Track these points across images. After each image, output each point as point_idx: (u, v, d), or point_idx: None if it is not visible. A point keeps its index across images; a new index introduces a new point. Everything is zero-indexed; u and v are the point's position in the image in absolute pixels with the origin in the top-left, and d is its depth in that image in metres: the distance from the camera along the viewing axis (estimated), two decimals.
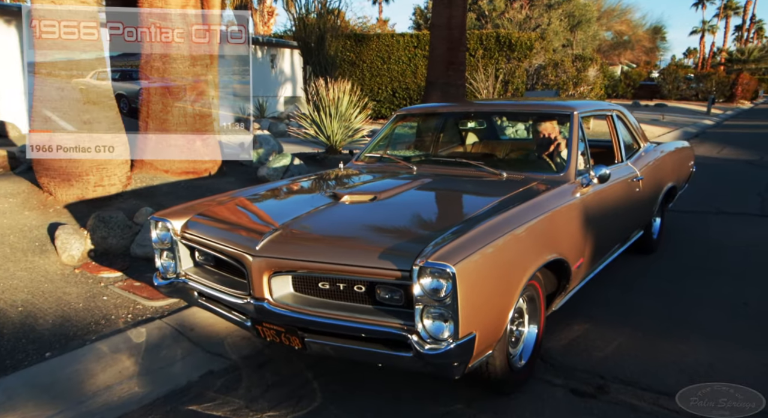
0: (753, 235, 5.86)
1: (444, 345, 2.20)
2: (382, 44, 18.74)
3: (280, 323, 2.59)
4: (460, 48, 9.33)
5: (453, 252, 2.22)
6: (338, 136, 8.43)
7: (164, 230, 3.15)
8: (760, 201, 7.56)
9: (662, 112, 22.91)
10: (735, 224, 6.36)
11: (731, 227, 6.21)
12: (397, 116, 4.52)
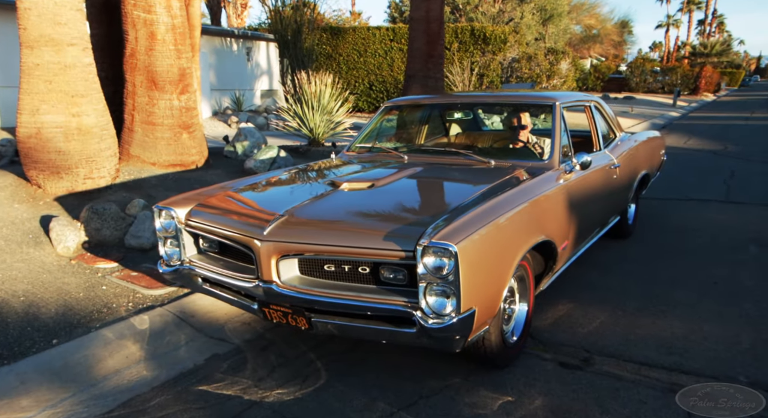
0: (720, 220, 6.19)
1: (447, 319, 2.37)
2: (358, 37, 18.81)
3: (288, 305, 2.73)
4: (439, 41, 9.50)
5: (454, 232, 2.39)
6: (321, 128, 8.54)
7: (168, 218, 3.25)
8: (726, 188, 7.93)
9: (631, 105, 23.51)
10: (703, 209, 6.69)
11: (699, 212, 6.54)
12: (386, 108, 4.67)
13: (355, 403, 2.74)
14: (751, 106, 29.26)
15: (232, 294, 3.08)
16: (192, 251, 3.30)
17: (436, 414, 2.62)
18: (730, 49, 43.33)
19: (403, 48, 18.41)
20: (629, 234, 5.37)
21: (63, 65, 5.09)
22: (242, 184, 3.62)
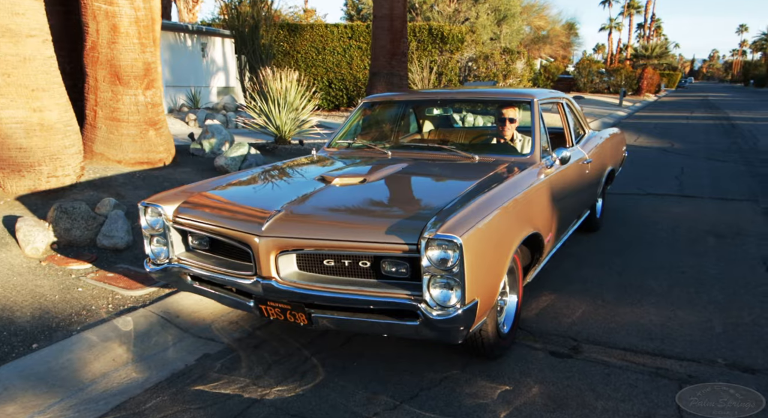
0: (677, 212, 6.50)
1: (452, 311, 2.41)
2: (316, 35, 18.68)
3: (287, 301, 2.71)
4: (402, 39, 9.57)
5: (458, 225, 2.44)
6: (287, 126, 8.45)
7: (155, 215, 3.16)
8: (678, 183, 8.33)
9: (580, 104, 24.26)
10: (660, 203, 7.00)
11: (658, 206, 6.85)
12: (364, 104, 4.68)
13: (357, 397, 2.75)
14: (689, 106, 30.73)
15: (226, 292, 3.03)
16: (180, 249, 3.23)
17: (439, 405, 2.66)
18: (668, 52, 45.39)
19: (362, 46, 18.41)
20: (598, 227, 5.57)
21: (22, 57, 4.87)
22: (228, 181, 3.56)
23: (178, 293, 3.84)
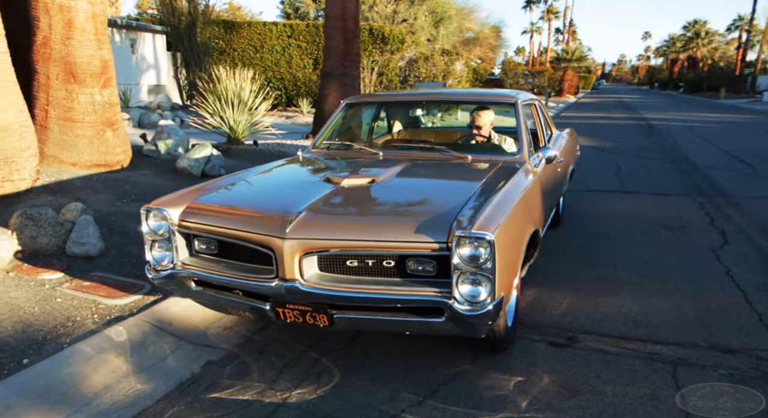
0: (624, 207, 6.94)
1: (483, 306, 2.51)
2: (254, 32, 18.32)
3: (308, 302, 2.71)
4: (355, 39, 9.60)
5: (487, 223, 2.53)
6: (241, 126, 8.28)
7: (160, 219, 3.06)
8: (618, 180, 8.87)
9: None
10: (607, 199, 7.44)
11: (604, 202, 7.28)
12: (346, 105, 4.69)
13: (379, 396, 2.79)
14: (607, 107, 32.61)
15: (237, 296, 2.98)
16: (184, 254, 3.13)
17: (461, 398, 2.75)
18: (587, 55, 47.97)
19: (302, 45, 18.25)
20: (560, 223, 5.86)
21: None
22: (228, 184, 3.48)
23: (165, 300, 3.72)
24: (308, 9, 27.47)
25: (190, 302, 3.76)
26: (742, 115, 26.35)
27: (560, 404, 2.70)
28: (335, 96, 9.48)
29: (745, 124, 20.93)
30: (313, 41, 18.24)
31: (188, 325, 3.57)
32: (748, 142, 14.28)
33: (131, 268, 4.22)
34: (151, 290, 3.89)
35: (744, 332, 3.44)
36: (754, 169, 10.02)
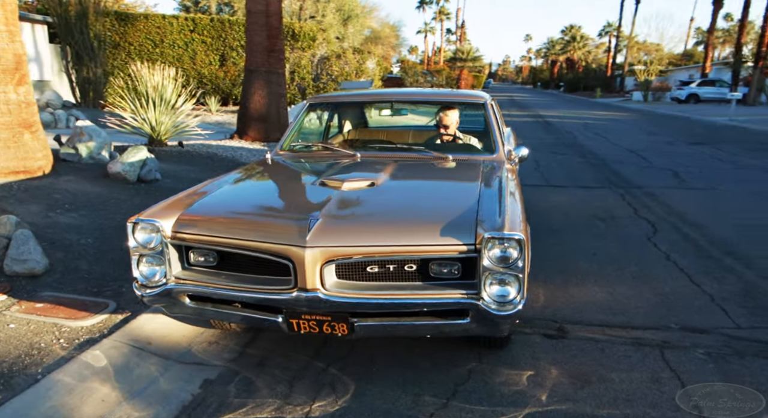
0: (558, 200, 7.35)
1: (513, 307, 2.55)
2: (151, 26, 17.25)
3: (328, 312, 2.61)
4: (279, 36, 9.35)
5: (513, 223, 2.58)
6: (165, 127, 7.77)
7: (152, 232, 2.80)
8: (541, 175, 9.36)
9: None
10: (539, 193, 7.83)
11: (538, 195, 7.65)
12: (310, 105, 4.55)
13: (402, 401, 2.74)
14: (502, 105, 34.15)
15: (243, 310, 2.80)
16: (176, 268, 2.89)
17: (482, 397, 2.77)
18: (480, 56, 50.26)
19: (207, 40, 17.47)
20: None
21: None
22: (211, 191, 3.23)
23: (136, 319, 3.42)
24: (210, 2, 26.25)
25: (164, 319, 3.50)
26: (620, 112, 28.80)
27: (576, 394, 2.80)
28: (261, 94, 9.18)
29: (626, 121, 22.90)
30: (219, 37, 17.53)
31: (169, 343, 3.31)
32: (634, 138, 15.62)
33: (85, 284, 3.83)
34: (116, 308, 3.56)
35: (704, 313, 3.77)
36: (650, 162, 10.98)
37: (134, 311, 3.54)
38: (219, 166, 7.51)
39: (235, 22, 17.76)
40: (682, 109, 31.56)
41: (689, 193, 7.85)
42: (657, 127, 19.51)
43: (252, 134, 9.36)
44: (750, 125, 19.49)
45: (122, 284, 3.89)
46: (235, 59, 17.53)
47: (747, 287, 4.21)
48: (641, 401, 2.73)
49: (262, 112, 9.35)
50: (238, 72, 17.40)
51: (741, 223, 6.14)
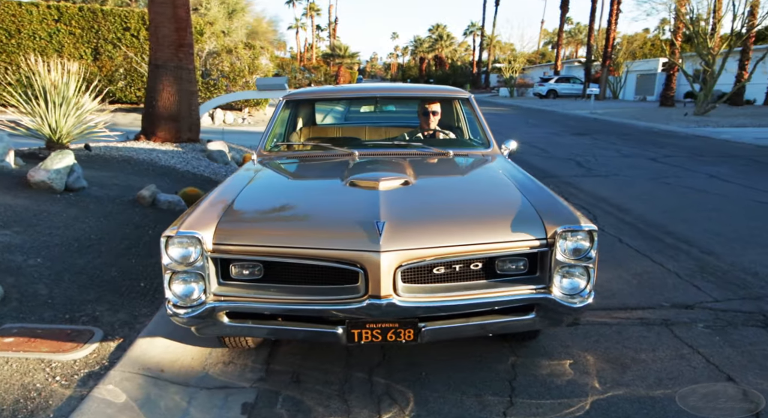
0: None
1: (584, 298, 2.58)
2: (5, 14, 15.21)
3: (396, 318, 2.47)
4: (188, 28, 8.67)
5: (582, 216, 2.60)
6: (67, 127, 6.89)
7: (191, 245, 2.47)
8: None
9: None
10: None
11: None
12: (287, 102, 4.27)
13: (467, 404, 2.67)
14: None
15: (295, 324, 2.56)
16: (213, 284, 2.56)
17: (541, 391, 2.78)
18: (357, 52, 50.74)
19: (75, 32, 15.80)
20: None
21: None
22: (235, 197, 2.89)
23: (135, 344, 3.02)
24: None
25: (165, 342, 3.13)
26: (495, 107, 30.63)
27: (622, 378, 2.91)
28: (171, 92, 8.46)
29: (506, 115, 24.43)
30: (90, 28, 15.91)
31: (182, 368, 2.96)
32: (522, 131, 16.70)
33: (53, 312, 3.30)
34: (105, 335, 3.11)
35: (681, 290, 4.11)
36: (549, 153, 11.80)
37: (125, 336, 3.12)
38: (140, 170, 6.83)
39: (110, 13, 16.23)
40: (546, 103, 34.37)
41: (599, 181, 8.53)
42: (536, 121, 21.04)
43: (162, 135, 8.61)
44: (609, 117, 21.73)
45: (95, 307, 3.41)
46: (111, 53, 16.02)
47: (700, 264, 4.66)
48: (682, 378, 2.90)
49: (173, 111, 8.62)
50: (114, 67, 15.93)
51: (657, 205, 6.78)
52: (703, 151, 12.11)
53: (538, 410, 2.63)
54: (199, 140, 9.19)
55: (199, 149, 8.54)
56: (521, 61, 46.11)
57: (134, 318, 3.35)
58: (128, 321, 3.30)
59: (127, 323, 3.28)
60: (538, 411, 2.62)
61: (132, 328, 3.23)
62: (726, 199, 7.11)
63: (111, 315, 3.34)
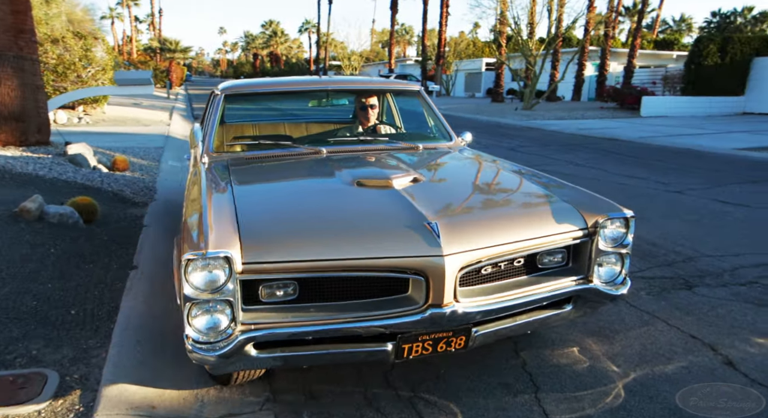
0: None
1: (624, 286, 2.64)
2: None
3: (454, 326, 2.30)
4: (29, 12, 7.44)
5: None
6: None
7: (218, 268, 2.09)
8: None
9: (141, 99, 23.28)
10: None
11: None
12: (227, 96, 3.74)
13: (511, 404, 2.62)
14: None
15: (337, 346, 2.29)
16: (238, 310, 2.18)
17: (568, 383, 2.77)
18: (190, 47, 47.85)
19: None
20: None
21: None
22: (240, 205, 2.46)
23: (109, 384, 2.54)
24: None
25: (140, 374, 2.68)
26: None
27: (642, 357, 3.00)
28: (11, 86, 7.13)
29: None
30: None
31: (173, 400, 2.56)
32: None
33: None
34: (63, 377, 2.56)
35: None
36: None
37: (86, 375, 2.62)
38: None
39: None
40: None
41: None
42: None
43: (4, 137, 7.25)
44: (453, 113, 23.11)
45: (28, 345, 2.81)
46: None
47: None
48: (660, 343, 3.17)
49: (16, 109, 7.28)
50: None
51: None
52: (547, 141, 13.45)
53: (578, 403, 2.61)
54: (51, 143, 7.97)
55: (54, 153, 7.40)
56: (358, 59, 47.13)
57: (84, 352, 2.80)
58: (79, 357, 2.75)
59: (78, 359, 2.73)
60: (578, 404, 2.60)
61: (88, 364, 2.70)
62: (598, 181, 7.98)
63: (53, 352, 2.75)
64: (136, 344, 2.91)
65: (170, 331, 3.04)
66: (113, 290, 3.53)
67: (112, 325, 3.07)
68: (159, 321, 3.21)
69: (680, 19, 63.26)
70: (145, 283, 3.68)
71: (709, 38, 22.53)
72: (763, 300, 3.76)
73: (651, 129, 15.72)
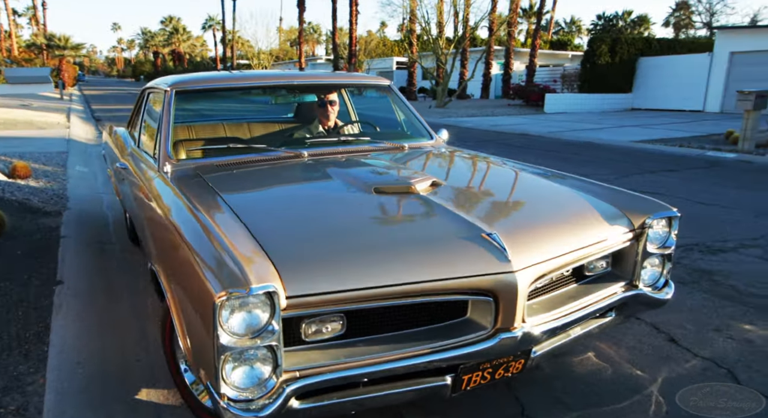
0: None
1: (669, 289, 2.53)
2: None
3: (517, 350, 2.04)
4: None
5: None
6: None
7: (258, 307, 1.72)
8: None
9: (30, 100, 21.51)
10: None
11: None
12: (178, 93, 3.21)
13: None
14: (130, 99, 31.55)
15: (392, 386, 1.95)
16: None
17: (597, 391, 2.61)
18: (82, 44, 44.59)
19: None
20: None
21: None
22: (253, 226, 2.05)
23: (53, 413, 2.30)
24: None
25: (88, 400, 2.44)
26: None
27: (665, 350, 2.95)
28: None
29: None
30: None
31: None
32: None
33: None
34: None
35: None
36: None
37: (21, 406, 2.38)
38: None
39: None
40: None
41: None
42: None
43: None
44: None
45: None
46: None
47: None
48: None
49: None
50: None
51: None
52: (464, 137, 13.74)
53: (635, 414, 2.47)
54: None
55: None
56: (268, 57, 46.09)
57: (16, 380, 2.53)
58: (11, 386, 2.48)
59: (11, 389, 2.46)
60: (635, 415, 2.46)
61: (24, 392, 2.44)
62: None
63: None
64: (76, 366, 2.66)
65: (112, 347, 2.81)
66: (39, 308, 3.21)
67: (45, 347, 2.79)
68: (97, 339, 2.95)
69: (571, 21, 67.18)
70: (74, 298, 3.38)
71: (600, 39, 24.01)
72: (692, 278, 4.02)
73: (556, 124, 16.58)
